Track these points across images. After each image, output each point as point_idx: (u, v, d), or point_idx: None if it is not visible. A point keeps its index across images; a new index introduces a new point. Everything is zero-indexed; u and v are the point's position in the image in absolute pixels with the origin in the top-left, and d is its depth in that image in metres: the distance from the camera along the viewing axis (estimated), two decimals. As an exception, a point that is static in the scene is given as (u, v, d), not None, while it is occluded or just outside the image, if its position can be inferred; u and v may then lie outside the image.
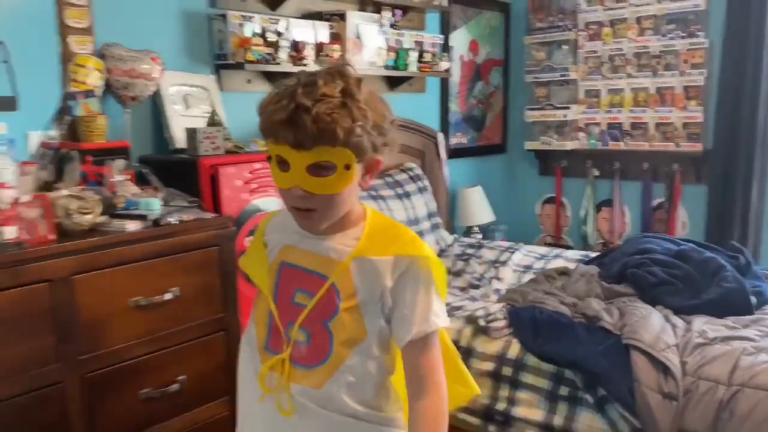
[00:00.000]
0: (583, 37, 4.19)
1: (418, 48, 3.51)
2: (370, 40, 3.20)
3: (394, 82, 3.62)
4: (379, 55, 3.26)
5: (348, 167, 1.10)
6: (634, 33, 4.00)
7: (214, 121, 2.52)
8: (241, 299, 2.15)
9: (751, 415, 1.83)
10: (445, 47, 3.90)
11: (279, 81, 1.13)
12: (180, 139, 2.50)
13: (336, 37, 3.05)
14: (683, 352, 2.04)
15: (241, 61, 2.64)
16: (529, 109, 4.47)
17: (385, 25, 3.35)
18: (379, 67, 3.29)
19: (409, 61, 3.43)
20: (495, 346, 2.31)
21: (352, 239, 1.19)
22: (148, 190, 2.18)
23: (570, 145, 4.31)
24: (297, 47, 2.83)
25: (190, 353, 2.05)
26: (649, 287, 2.43)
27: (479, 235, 4.06)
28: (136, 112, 2.45)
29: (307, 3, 3.08)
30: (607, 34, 4.10)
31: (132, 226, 1.90)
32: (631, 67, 4.03)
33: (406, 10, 3.56)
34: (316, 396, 1.16)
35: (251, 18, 2.70)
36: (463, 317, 2.43)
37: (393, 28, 3.42)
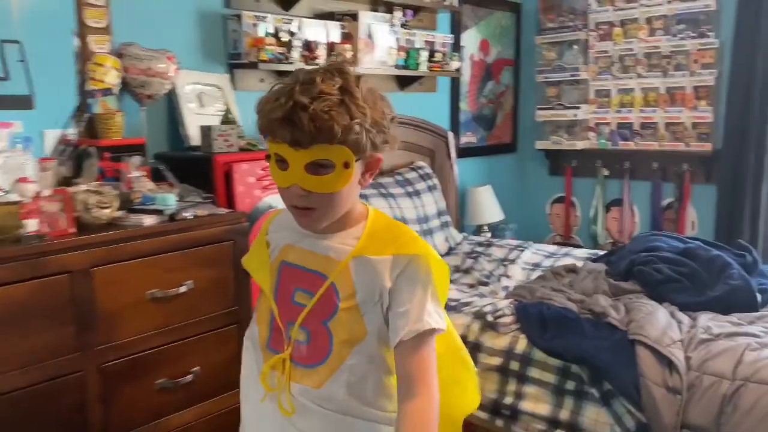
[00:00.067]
0: (594, 37, 4.20)
1: (428, 48, 3.54)
2: (381, 40, 3.23)
3: (404, 82, 3.65)
4: (390, 54, 3.29)
5: (347, 165, 1.09)
6: (644, 33, 4.01)
7: (227, 119, 2.57)
8: (255, 294, 2.19)
9: (754, 409, 1.85)
10: (456, 47, 3.93)
11: (278, 79, 1.14)
12: (194, 137, 2.55)
13: (347, 37, 3.09)
14: (688, 348, 2.06)
15: (255, 60, 2.69)
16: (539, 109, 4.49)
17: (396, 25, 3.38)
18: (390, 66, 3.32)
19: (420, 61, 3.46)
20: (502, 342, 2.34)
21: (353, 238, 1.17)
22: (164, 186, 2.23)
23: (580, 144, 4.32)
24: (309, 47, 2.87)
25: (204, 345, 2.09)
26: (656, 284, 2.45)
27: (488, 234, 4.09)
28: (151, 110, 2.50)
29: (320, 3, 3.13)
30: (617, 35, 4.11)
31: (149, 221, 1.95)
32: (642, 67, 4.04)
33: (417, 10, 3.59)
34: (317, 395, 1.16)
35: (265, 18, 2.75)
36: (471, 313, 2.47)
37: (404, 28, 3.45)
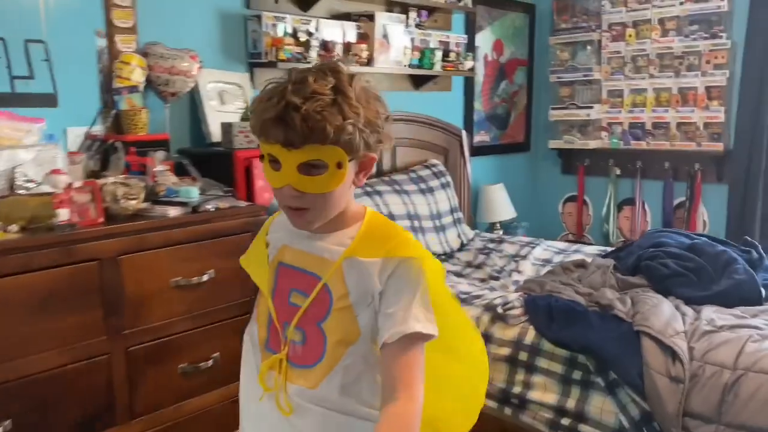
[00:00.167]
0: (607, 38, 4.24)
1: (443, 48, 3.61)
2: (396, 40, 3.30)
3: (419, 81, 3.72)
4: (404, 54, 3.36)
5: (340, 166, 1.08)
6: (657, 34, 4.04)
7: (247, 116, 2.66)
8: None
9: (754, 397, 1.90)
10: (471, 47, 3.99)
11: (270, 78, 1.13)
12: (216, 133, 2.65)
13: (363, 37, 3.16)
14: (691, 339, 2.11)
15: (274, 59, 2.77)
16: (553, 109, 4.54)
17: (411, 26, 3.46)
18: (405, 66, 3.39)
19: (435, 61, 3.52)
20: (512, 333, 2.40)
21: (348, 238, 1.16)
22: (187, 179, 2.32)
23: (593, 144, 4.37)
24: (326, 46, 2.95)
25: (224, 332, 2.18)
26: (662, 278, 2.50)
27: (501, 232, 4.13)
28: (175, 107, 2.59)
29: (337, 4, 3.21)
30: (630, 35, 4.15)
31: (173, 212, 2.05)
32: (654, 68, 4.08)
33: (432, 11, 3.66)
34: (313, 395, 1.15)
35: (284, 19, 2.84)
36: (482, 305, 2.53)
37: (419, 29, 3.52)
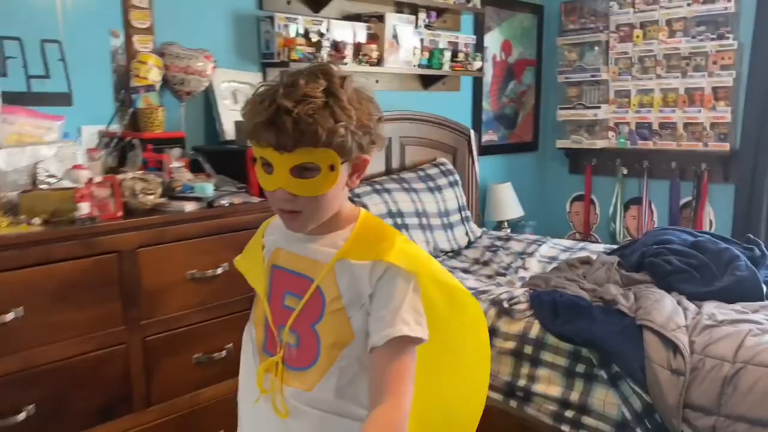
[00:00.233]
0: (615, 39, 4.29)
1: (452, 48, 3.66)
2: (405, 41, 3.36)
3: (428, 81, 3.78)
4: (414, 54, 3.41)
5: (332, 168, 1.08)
6: (664, 35, 4.08)
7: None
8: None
9: (753, 390, 1.95)
10: (479, 47, 4.05)
11: (262, 81, 1.17)
12: (229, 131, 2.71)
13: (374, 37, 3.22)
14: (692, 333, 2.16)
15: (286, 59, 2.83)
16: (560, 108, 4.58)
17: (420, 26, 3.51)
18: (414, 66, 3.44)
19: (443, 61, 3.57)
20: (517, 327, 2.45)
21: (341, 240, 1.16)
22: (201, 176, 2.39)
23: (600, 143, 4.41)
24: (337, 47, 3.01)
25: (237, 324, 2.18)
26: (665, 275, 2.55)
27: (508, 230, 4.19)
28: (190, 106, 2.66)
29: (347, 5, 3.27)
30: (637, 36, 4.19)
31: (189, 207, 2.11)
32: (661, 68, 4.11)
33: (441, 12, 3.71)
34: (308, 398, 1.15)
35: (296, 19, 2.90)
36: (488, 300, 2.59)
37: (428, 29, 3.57)
